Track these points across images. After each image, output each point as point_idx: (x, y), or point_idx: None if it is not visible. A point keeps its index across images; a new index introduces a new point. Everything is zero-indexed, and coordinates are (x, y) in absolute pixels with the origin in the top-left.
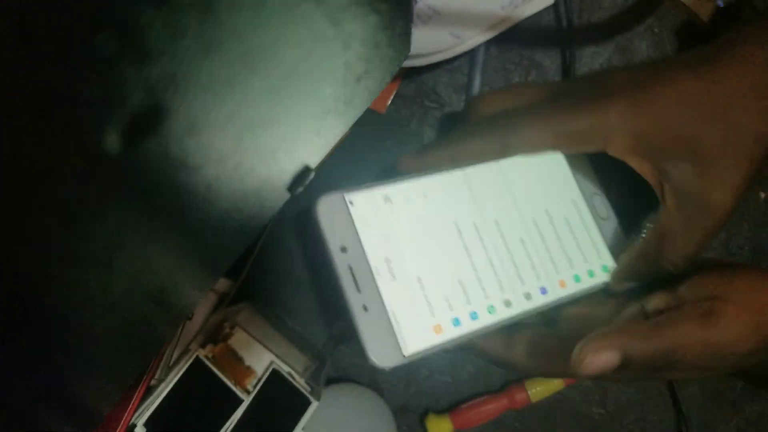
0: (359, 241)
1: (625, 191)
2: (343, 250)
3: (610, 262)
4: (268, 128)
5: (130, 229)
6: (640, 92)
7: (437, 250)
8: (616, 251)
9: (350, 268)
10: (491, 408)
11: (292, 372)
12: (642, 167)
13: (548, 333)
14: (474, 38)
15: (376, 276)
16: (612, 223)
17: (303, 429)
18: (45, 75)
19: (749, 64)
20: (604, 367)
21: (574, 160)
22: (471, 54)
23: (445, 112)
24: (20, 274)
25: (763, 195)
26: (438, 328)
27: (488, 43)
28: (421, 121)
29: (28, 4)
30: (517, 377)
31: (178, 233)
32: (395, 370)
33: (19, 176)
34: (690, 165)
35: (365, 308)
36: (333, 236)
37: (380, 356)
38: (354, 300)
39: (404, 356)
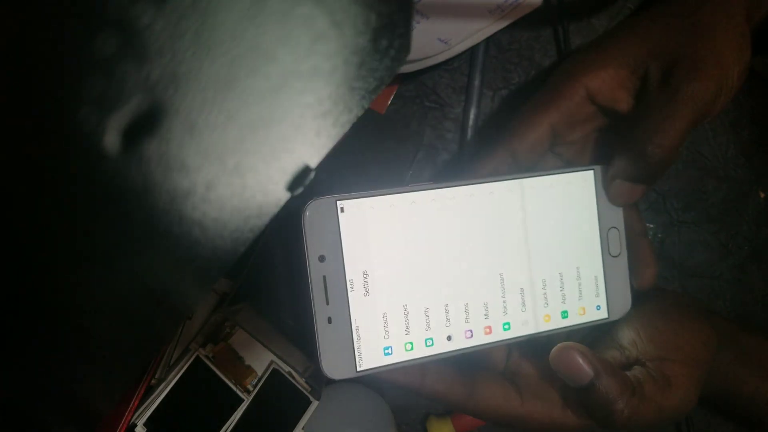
0: (341, 251)
1: None
2: (322, 259)
3: (603, 304)
4: (268, 128)
5: (131, 229)
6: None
7: (416, 271)
8: (614, 291)
9: (324, 279)
10: None
11: (293, 372)
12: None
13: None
14: (462, 43)
15: (349, 290)
16: (621, 260)
17: (303, 429)
18: (45, 76)
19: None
20: (574, 371)
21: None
22: (471, 54)
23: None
24: (21, 275)
25: (762, 195)
26: (392, 349)
27: (488, 44)
28: (421, 122)
29: (26, 4)
30: None
31: (179, 233)
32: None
33: (19, 177)
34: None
35: (329, 320)
36: (314, 244)
37: (333, 368)
38: (320, 311)
39: (357, 371)
